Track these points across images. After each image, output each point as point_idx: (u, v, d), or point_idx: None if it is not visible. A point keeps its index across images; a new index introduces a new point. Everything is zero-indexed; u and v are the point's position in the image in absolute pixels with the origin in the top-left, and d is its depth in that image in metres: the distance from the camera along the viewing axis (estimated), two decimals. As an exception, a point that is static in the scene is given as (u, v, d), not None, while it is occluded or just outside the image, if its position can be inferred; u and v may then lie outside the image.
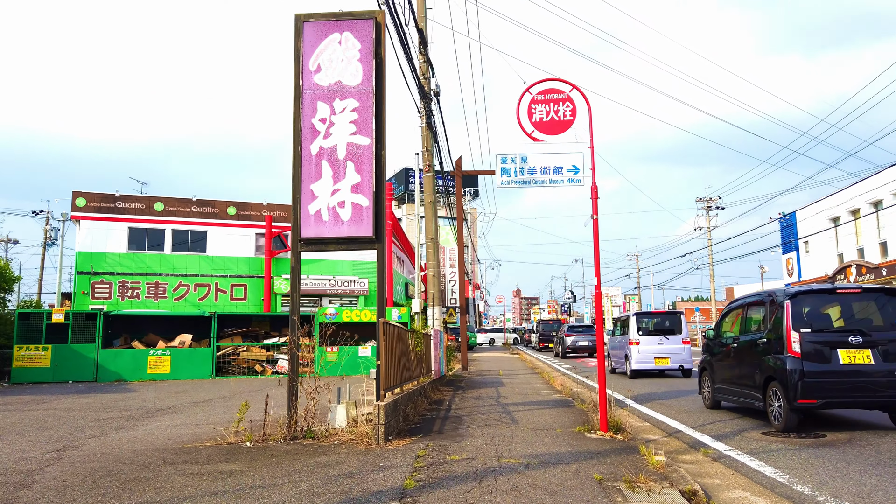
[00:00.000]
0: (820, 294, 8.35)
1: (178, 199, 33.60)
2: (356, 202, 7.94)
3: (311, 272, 34.91)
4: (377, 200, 7.94)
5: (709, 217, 50.36)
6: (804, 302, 8.07)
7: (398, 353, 8.28)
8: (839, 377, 7.51)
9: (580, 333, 32.24)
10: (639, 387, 14.05)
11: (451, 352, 21.67)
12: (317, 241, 8.00)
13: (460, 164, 19.21)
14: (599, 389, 7.17)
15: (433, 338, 12.29)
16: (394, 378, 7.93)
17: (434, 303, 15.84)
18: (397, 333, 8.24)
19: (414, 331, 9.90)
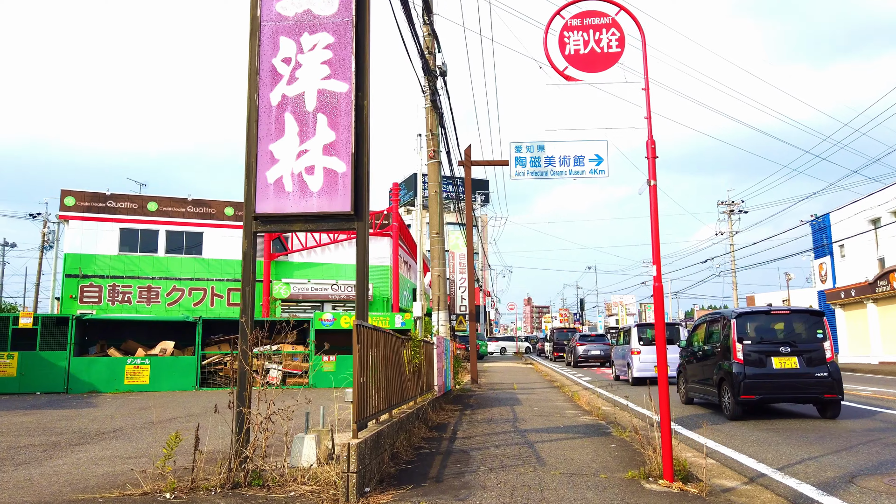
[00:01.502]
0: (758, 314, 10.35)
1: (172, 198, 31.86)
2: (330, 167, 5.99)
3: (312, 276, 33.08)
4: (357, 165, 5.99)
5: (731, 221, 48.07)
6: (746, 320, 10.16)
7: (385, 367, 6.29)
8: (773, 378, 9.53)
9: (592, 342, 31.45)
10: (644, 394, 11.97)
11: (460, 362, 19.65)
12: (277, 218, 6.05)
13: (469, 153, 17.26)
14: (662, 422, 5.14)
15: (437, 346, 10.32)
16: (378, 401, 5.95)
17: (439, 307, 13.86)
18: (385, 341, 6.26)
19: (410, 338, 7.94)
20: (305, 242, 32.89)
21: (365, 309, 5.87)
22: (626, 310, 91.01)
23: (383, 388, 6.24)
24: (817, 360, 9.60)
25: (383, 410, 6.20)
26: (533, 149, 18.36)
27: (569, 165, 18.47)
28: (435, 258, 14.24)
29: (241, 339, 5.91)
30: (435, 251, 14.30)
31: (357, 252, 5.95)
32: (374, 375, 5.80)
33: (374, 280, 33.98)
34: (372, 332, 5.61)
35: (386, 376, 6.36)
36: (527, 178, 18.25)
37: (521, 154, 18.42)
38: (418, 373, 8.22)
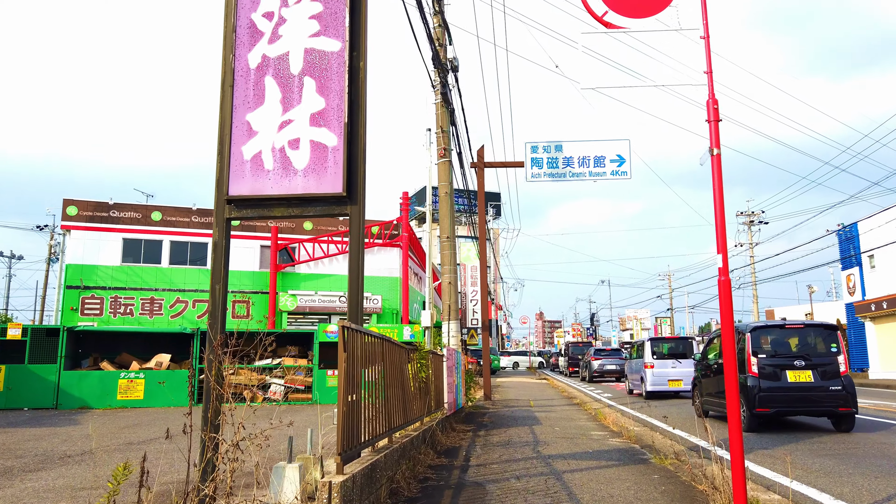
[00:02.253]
0: (773, 328, 10.53)
1: (177, 208, 31.08)
2: (318, 140, 4.98)
3: (319, 288, 32.13)
4: (351, 138, 4.98)
5: (751, 233, 46.70)
6: (761, 334, 10.27)
7: (385, 383, 5.23)
8: (788, 391, 9.62)
9: (607, 357, 30.57)
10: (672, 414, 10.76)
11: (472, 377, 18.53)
12: (254, 201, 5.03)
13: (482, 154, 16.25)
14: (733, 456, 4.01)
15: (447, 360, 9.24)
16: (376, 425, 4.88)
17: (450, 317, 12.78)
18: (384, 351, 5.21)
19: (416, 349, 6.88)
20: (313, 253, 32.00)
21: (359, 310, 4.83)
22: (641, 324, 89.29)
23: (382, 409, 5.17)
24: (831, 374, 9.73)
25: (382, 435, 5.13)
26: (550, 149, 17.33)
27: (588, 166, 17.42)
28: (445, 264, 13.18)
29: (207, 348, 4.86)
30: (445, 257, 13.25)
31: (350, 242, 4.93)
32: (371, 392, 4.74)
33: (382, 292, 32.96)
34: (365, 339, 4.56)
35: (386, 393, 5.30)
36: (543, 179, 17.22)
37: (538, 154, 17.39)
38: (425, 389, 7.14)
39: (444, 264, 13.22)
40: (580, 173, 16.04)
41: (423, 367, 6.94)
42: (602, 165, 16.05)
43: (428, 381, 7.36)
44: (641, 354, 18.65)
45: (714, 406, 11.33)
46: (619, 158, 16.07)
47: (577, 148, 16.18)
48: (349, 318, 4.76)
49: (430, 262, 11.34)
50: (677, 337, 20.92)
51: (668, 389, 17.57)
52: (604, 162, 16.06)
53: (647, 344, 18.56)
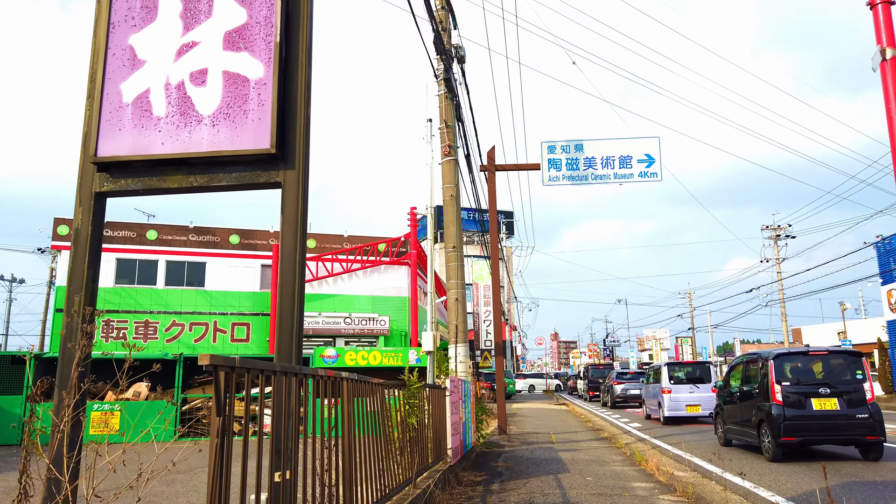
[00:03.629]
0: (796, 355, 10.49)
1: (173, 226, 29.63)
2: (235, 71, 3.25)
3: (324, 309, 30.39)
4: (287, 69, 3.23)
5: (777, 247, 44.51)
6: (784, 361, 10.27)
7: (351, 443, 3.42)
8: (813, 420, 9.58)
9: (631, 381, 28.44)
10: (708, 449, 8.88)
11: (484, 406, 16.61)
12: (138, 165, 3.30)
13: (493, 155, 14.51)
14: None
15: (451, 393, 7.40)
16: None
17: (457, 339, 10.95)
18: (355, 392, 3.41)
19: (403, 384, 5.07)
20: (316, 272, 30.33)
21: (293, 336, 3.04)
22: (661, 344, 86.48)
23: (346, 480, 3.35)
24: (857, 402, 9.60)
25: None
26: (569, 149, 15.47)
27: (613, 167, 15.52)
28: (451, 278, 11.38)
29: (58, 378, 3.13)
30: (451, 270, 11.45)
31: (283, 223, 3.16)
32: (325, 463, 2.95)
33: (389, 312, 31.15)
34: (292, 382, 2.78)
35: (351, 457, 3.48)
36: (562, 183, 15.36)
37: (556, 155, 15.54)
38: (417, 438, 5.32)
39: (449, 278, 11.43)
40: (604, 175, 14.22)
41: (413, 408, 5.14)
42: (628, 166, 14.23)
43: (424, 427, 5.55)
44: (658, 379, 18.44)
45: (737, 435, 11.21)
46: (648, 158, 14.25)
47: (600, 147, 14.39)
48: (277, 339, 2.98)
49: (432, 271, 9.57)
50: (695, 361, 20.53)
51: (685, 415, 17.36)
52: (630, 162, 14.25)
53: (664, 369, 18.36)
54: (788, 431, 9.38)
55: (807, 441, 9.61)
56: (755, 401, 10.40)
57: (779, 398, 9.65)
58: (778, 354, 10.31)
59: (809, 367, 10.22)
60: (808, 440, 9.60)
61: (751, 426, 10.45)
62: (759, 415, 10.07)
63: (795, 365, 10.23)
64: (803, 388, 9.76)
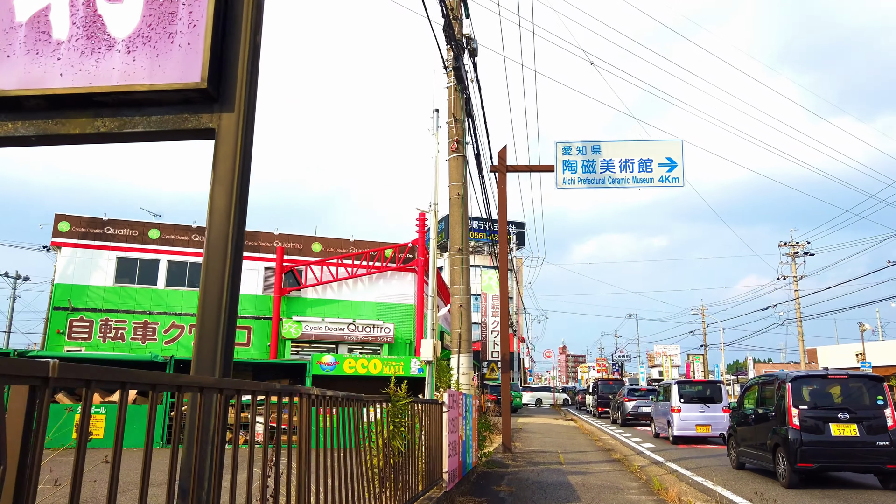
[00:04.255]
0: (815, 378, 10.19)
1: (176, 225, 29.00)
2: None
3: (327, 314, 29.64)
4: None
5: (794, 265, 43.32)
6: (802, 384, 9.92)
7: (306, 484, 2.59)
8: (831, 446, 9.24)
9: (642, 398, 27.37)
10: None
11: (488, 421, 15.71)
12: (28, 101, 2.49)
13: (504, 155, 13.70)
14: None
15: (449, 409, 6.56)
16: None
17: (460, 349, 10.11)
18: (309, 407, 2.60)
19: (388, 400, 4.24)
20: (321, 276, 29.62)
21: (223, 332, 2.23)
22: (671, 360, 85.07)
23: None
24: (878, 428, 9.36)
25: None
26: (585, 150, 14.60)
27: (632, 171, 14.61)
28: (456, 283, 10.55)
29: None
30: (456, 274, 10.62)
31: (213, 184, 2.35)
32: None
33: (395, 320, 30.32)
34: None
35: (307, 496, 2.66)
36: (577, 186, 14.46)
37: (571, 157, 14.67)
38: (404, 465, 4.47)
39: (454, 283, 10.60)
40: (622, 179, 13.37)
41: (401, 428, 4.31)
42: (648, 170, 13.37)
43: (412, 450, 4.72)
44: (668, 397, 18.18)
45: (751, 458, 10.94)
46: (670, 162, 13.38)
47: (619, 149, 13.55)
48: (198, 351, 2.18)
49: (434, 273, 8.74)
50: (706, 381, 20.40)
51: (695, 434, 17.11)
52: (651, 166, 13.39)
53: (674, 387, 18.16)
54: (805, 457, 9.11)
55: (824, 468, 9.34)
56: (771, 424, 10.10)
57: (796, 422, 9.35)
58: (796, 377, 10.01)
59: (828, 391, 9.97)
60: (826, 467, 9.34)
61: (766, 450, 10.16)
62: (775, 439, 9.76)
63: (814, 388, 9.94)
64: (822, 413, 9.46)
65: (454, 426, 6.81)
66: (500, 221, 13.43)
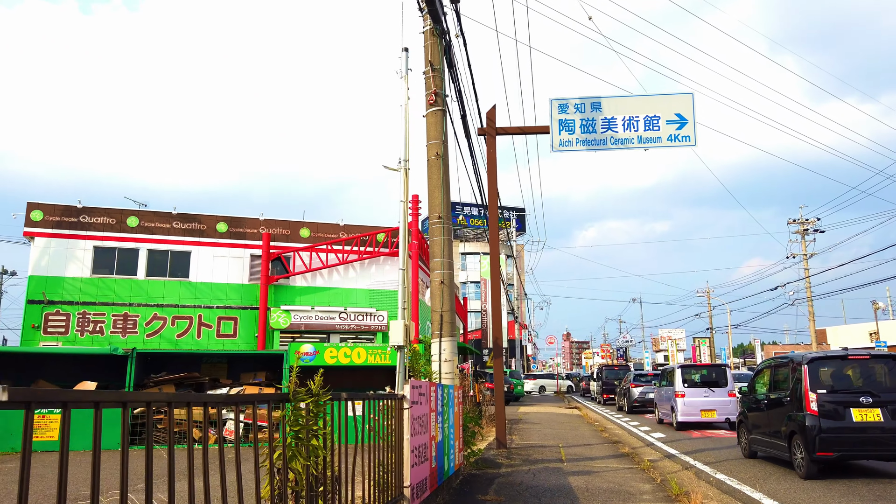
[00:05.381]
0: (834, 359, 9.34)
1: (156, 212, 27.60)
2: None
3: (317, 303, 28.28)
4: None
5: (804, 242, 41.77)
6: (820, 366, 9.19)
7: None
8: (852, 433, 8.48)
9: (649, 383, 26.01)
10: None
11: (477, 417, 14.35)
12: None
13: (494, 116, 12.21)
14: None
15: (415, 405, 5.12)
16: None
17: (442, 333, 8.69)
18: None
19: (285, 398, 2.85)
20: (310, 264, 28.23)
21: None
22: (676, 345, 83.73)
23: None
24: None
25: None
26: (584, 108, 13.02)
27: (637, 130, 13.03)
28: (436, 256, 9.12)
29: None
30: (436, 246, 9.18)
31: None
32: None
33: (389, 307, 28.92)
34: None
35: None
36: (576, 148, 12.93)
37: (568, 115, 13.11)
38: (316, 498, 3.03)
39: (434, 256, 9.16)
40: (626, 140, 11.89)
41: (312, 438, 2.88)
42: (655, 128, 11.89)
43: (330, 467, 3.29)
44: (672, 382, 17.60)
45: (764, 446, 10.31)
46: (680, 119, 11.91)
47: (622, 106, 12.07)
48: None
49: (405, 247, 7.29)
50: (710, 364, 19.27)
51: (700, 420, 16.55)
52: (657, 123, 11.91)
53: (677, 371, 17.54)
54: (825, 446, 8.40)
55: (846, 456, 8.65)
56: (786, 409, 9.39)
57: (814, 408, 8.63)
58: (813, 358, 9.22)
59: (848, 373, 9.24)
60: (848, 455, 8.65)
61: (780, 438, 9.47)
62: (791, 426, 9.06)
63: (832, 370, 9.21)
64: (842, 397, 8.72)
65: (422, 425, 5.40)
66: (489, 190, 11.96)
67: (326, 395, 3.19)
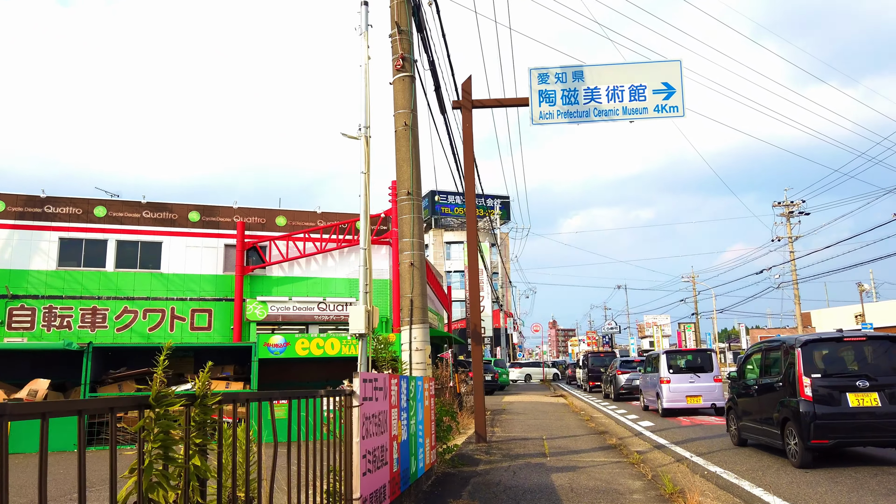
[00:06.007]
0: (828, 342, 8.92)
1: (124, 202, 26.53)
2: None
3: (295, 293, 27.39)
4: None
5: (789, 225, 41.47)
6: (814, 349, 8.74)
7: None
8: (849, 419, 8.15)
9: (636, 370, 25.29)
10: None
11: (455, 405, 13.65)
12: None
13: (469, 87, 11.40)
14: None
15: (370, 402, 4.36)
16: None
17: (413, 318, 7.93)
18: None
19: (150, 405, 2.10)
20: (287, 253, 27.30)
21: None
22: (662, 331, 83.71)
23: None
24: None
25: None
26: (565, 77, 12.22)
27: (621, 100, 12.24)
28: (405, 236, 8.33)
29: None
30: (405, 225, 8.39)
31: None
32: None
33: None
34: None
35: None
36: (557, 121, 12.16)
37: (549, 86, 12.29)
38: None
39: (403, 236, 8.38)
40: (610, 111, 11.14)
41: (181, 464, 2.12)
42: (641, 98, 11.16)
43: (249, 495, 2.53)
44: (657, 368, 17.39)
45: (754, 434, 9.94)
46: (667, 88, 11.19)
47: (605, 74, 11.31)
48: None
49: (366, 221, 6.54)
50: (696, 349, 19.15)
51: (686, 406, 16.40)
52: (643, 93, 11.17)
53: (662, 357, 17.30)
54: (820, 432, 8.06)
55: (842, 443, 8.32)
56: (778, 395, 8.99)
57: (808, 393, 8.29)
58: (807, 341, 8.82)
59: (843, 356, 8.86)
60: (844, 442, 8.30)
61: (772, 424, 9.10)
62: (784, 412, 8.71)
63: (827, 353, 8.80)
64: (837, 381, 8.37)
65: (378, 425, 4.64)
66: (465, 166, 11.16)
67: (216, 397, 2.43)
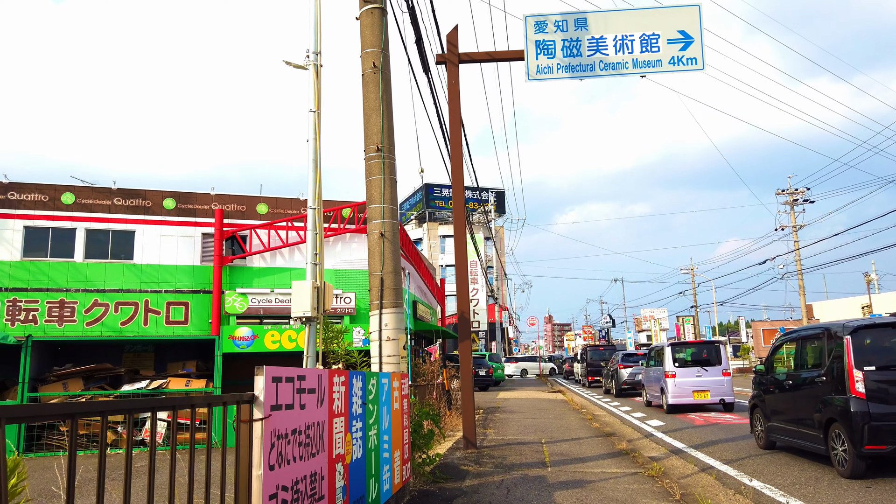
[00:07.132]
0: (883, 328, 7.76)
1: (94, 188, 24.84)
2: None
3: (277, 285, 25.74)
4: None
5: (793, 213, 40.07)
6: (866, 337, 7.61)
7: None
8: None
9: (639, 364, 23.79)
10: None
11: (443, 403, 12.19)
12: None
13: (455, 39, 9.88)
14: None
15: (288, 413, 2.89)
16: None
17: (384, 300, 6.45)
18: None
19: None
20: (268, 242, 25.72)
21: None
22: (659, 324, 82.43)
23: None
24: None
25: None
26: (566, 25, 10.48)
27: (631, 52, 10.43)
28: (374, 201, 6.84)
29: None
30: (374, 187, 6.90)
31: None
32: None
33: (356, 288, 26.58)
34: None
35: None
36: (558, 76, 10.47)
37: (547, 35, 10.62)
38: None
39: (372, 202, 6.88)
40: (619, 64, 9.63)
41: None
42: (654, 48, 9.64)
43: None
44: (661, 362, 16.51)
45: (787, 436, 8.76)
46: (684, 37, 9.68)
47: (612, 23, 9.79)
48: None
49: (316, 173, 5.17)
50: (703, 341, 17.73)
51: (693, 402, 15.50)
52: (657, 43, 9.66)
53: (667, 349, 16.37)
54: (877, 436, 6.93)
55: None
56: (819, 391, 7.82)
57: (860, 389, 7.10)
58: (858, 327, 7.56)
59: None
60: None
61: (811, 426, 7.96)
62: (828, 412, 7.60)
63: (883, 343, 7.47)
64: (895, 376, 7.11)
65: (306, 444, 3.15)
66: (451, 129, 9.64)
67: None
